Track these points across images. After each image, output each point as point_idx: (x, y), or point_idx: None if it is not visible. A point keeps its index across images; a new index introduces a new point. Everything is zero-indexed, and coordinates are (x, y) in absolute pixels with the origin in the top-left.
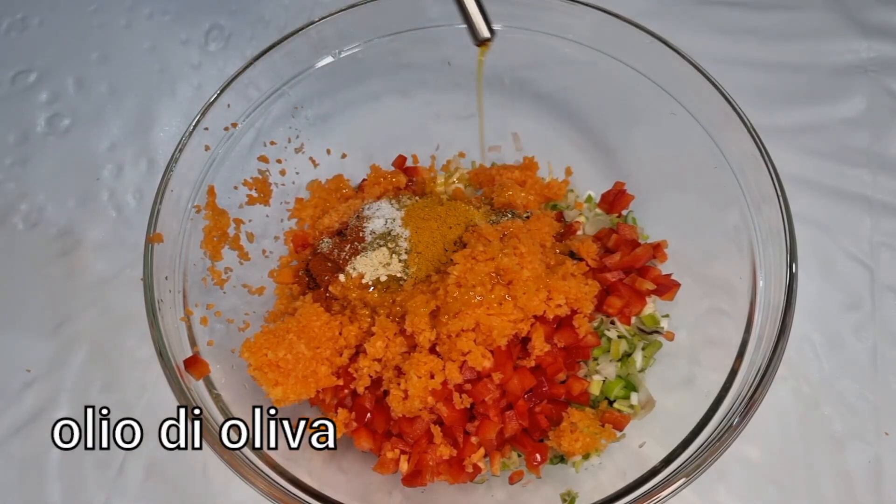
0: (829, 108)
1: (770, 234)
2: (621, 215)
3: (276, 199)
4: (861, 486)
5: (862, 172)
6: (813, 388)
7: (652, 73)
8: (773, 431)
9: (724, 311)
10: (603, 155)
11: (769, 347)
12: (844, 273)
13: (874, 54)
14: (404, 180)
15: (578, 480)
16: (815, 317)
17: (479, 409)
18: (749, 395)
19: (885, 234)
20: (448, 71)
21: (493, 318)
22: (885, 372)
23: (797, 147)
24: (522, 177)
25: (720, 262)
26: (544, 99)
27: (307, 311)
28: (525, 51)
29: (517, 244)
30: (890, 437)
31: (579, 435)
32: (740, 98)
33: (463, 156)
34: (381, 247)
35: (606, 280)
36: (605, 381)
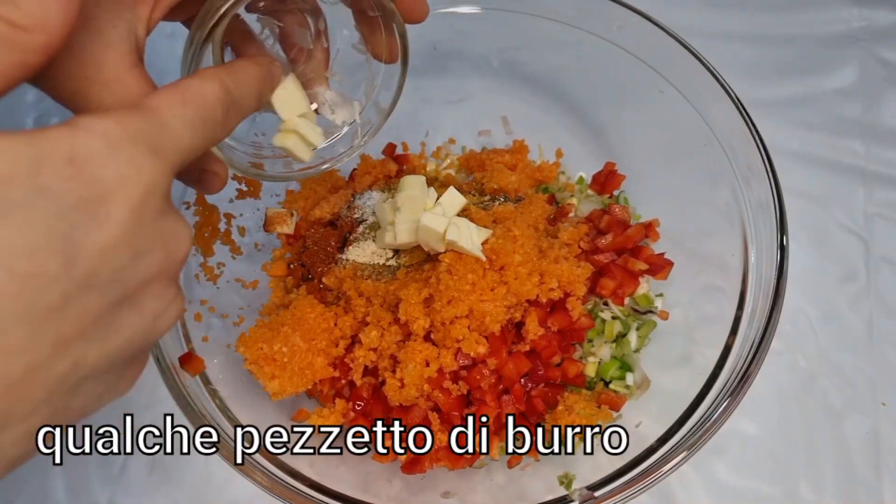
0: (821, 80)
1: (760, 208)
2: (613, 196)
3: (267, 192)
4: (859, 458)
5: (855, 143)
6: (809, 361)
7: (639, 52)
8: (771, 406)
9: (719, 287)
10: (593, 136)
11: (762, 321)
12: (839, 245)
13: (865, 23)
14: (395, 168)
15: (576, 462)
16: (809, 290)
17: (476, 394)
18: (744, 369)
19: (879, 204)
20: (435, 56)
21: (486, 304)
22: (882, 343)
23: (789, 120)
24: (513, 160)
25: (713, 239)
26: (533, 81)
27: (302, 304)
28: (512, 32)
29: (511, 226)
30: (887, 407)
31: (576, 417)
32: (730, 72)
33: (453, 142)
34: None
35: (599, 262)
36: (601, 363)
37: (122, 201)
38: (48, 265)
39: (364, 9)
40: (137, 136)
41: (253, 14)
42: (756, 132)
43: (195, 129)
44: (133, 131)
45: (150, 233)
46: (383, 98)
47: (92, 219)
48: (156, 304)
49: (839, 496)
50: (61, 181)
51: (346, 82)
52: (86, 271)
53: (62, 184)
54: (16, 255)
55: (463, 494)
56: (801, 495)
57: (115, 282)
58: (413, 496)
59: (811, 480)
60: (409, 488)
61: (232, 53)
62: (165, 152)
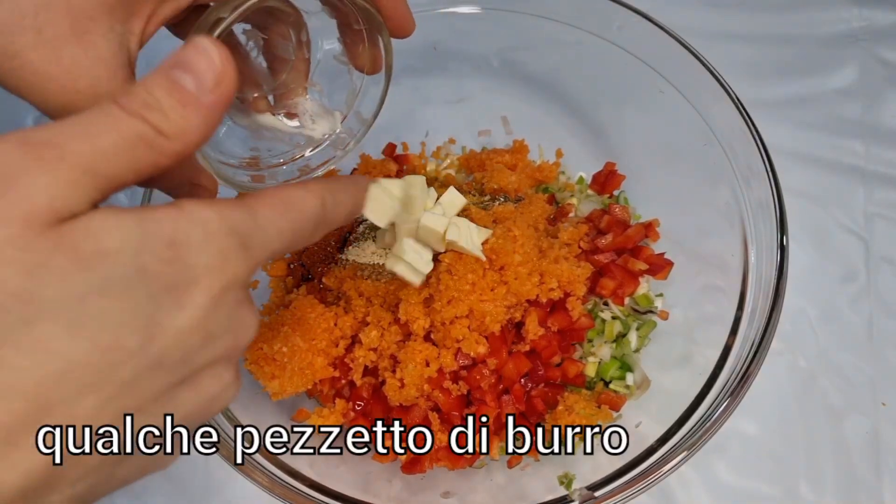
0: (821, 80)
1: (760, 208)
2: (613, 196)
3: None
4: (859, 458)
5: (855, 143)
6: (809, 361)
7: (639, 52)
8: (771, 406)
9: (719, 287)
10: (593, 136)
11: (762, 321)
12: (839, 245)
13: (865, 23)
14: (395, 168)
15: (576, 462)
16: (810, 290)
17: (476, 394)
18: (744, 369)
19: (879, 204)
20: (435, 56)
21: (486, 304)
22: (882, 343)
23: (789, 120)
24: (513, 160)
25: (713, 239)
26: (533, 81)
27: (302, 303)
28: (512, 33)
29: (511, 226)
30: (887, 407)
31: (576, 417)
32: (730, 72)
33: (453, 142)
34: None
35: (599, 262)
36: (601, 363)
37: (205, 289)
38: (128, 341)
39: (349, 21)
40: (232, 231)
41: (239, 26)
42: (756, 132)
43: (285, 237)
44: (230, 226)
45: (223, 321)
46: (365, 108)
47: (176, 302)
48: (214, 385)
49: (839, 496)
50: (159, 263)
51: (328, 93)
52: (159, 351)
53: (159, 266)
54: (103, 328)
55: (463, 494)
56: (801, 495)
57: (183, 363)
58: (413, 496)
59: (811, 480)
60: (409, 488)
61: None
62: (254, 251)
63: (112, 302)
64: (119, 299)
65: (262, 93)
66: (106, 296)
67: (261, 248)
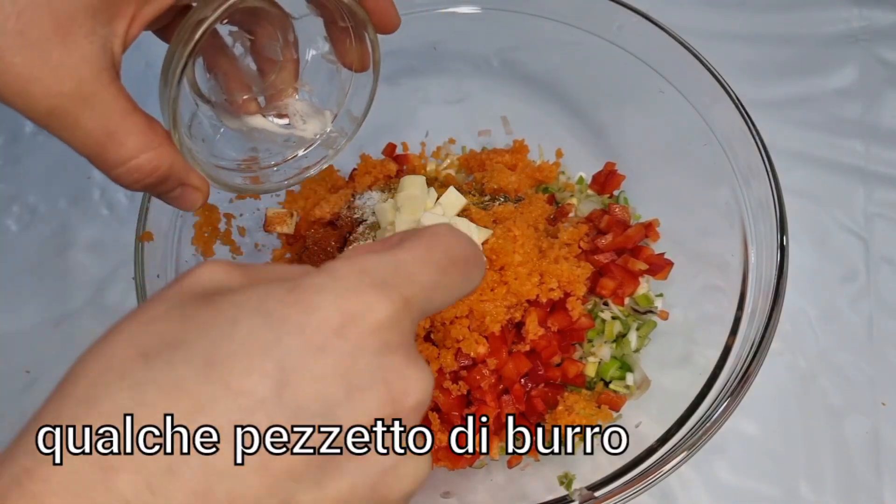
0: (821, 80)
1: (760, 208)
2: (613, 196)
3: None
4: (859, 458)
5: (855, 143)
6: (809, 361)
7: (639, 52)
8: (771, 406)
9: (719, 287)
10: (593, 135)
11: (762, 321)
12: (839, 245)
13: (865, 23)
14: (395, 168)
15: (576, 462)
16: (809, 290)
17: (476, 394)
18: (744, 369)
19: (879, 204)
20: (435, 56)
21: (486, 304)
22: (882, 343)
23: (789, 120)
24: (513, 160)
25: (713, 239)
26: (533, 81)
27: None
28: (512, 33)
29: (511, 226)
30: (887, 407)
31: (576, 417)
32: (730, 72)
33: (453, 142)
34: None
35: (599, 262)
36: (601, 363)
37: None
38: (259, 387)
39: (335, 19)
40: (364, 272)
41: (224, 27)
42: (756, 132)
43: (440, 290)
44: (361, 268)
45: (367, 368)
46: (355, 106)
47: (317, 350)
48: (383, 458)
49: (839, 496)
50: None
51: (317, 92)
52: (294, 398)
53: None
54: (239, 374)
55: (463, 494)
56: (801, 495)
57: (326, 417)
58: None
59: (811, 480)
60: None
61: (204, 66)
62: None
63: (253, 356)
64: (259, 354)
65: (251, 95)
66: (252, 357)
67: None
